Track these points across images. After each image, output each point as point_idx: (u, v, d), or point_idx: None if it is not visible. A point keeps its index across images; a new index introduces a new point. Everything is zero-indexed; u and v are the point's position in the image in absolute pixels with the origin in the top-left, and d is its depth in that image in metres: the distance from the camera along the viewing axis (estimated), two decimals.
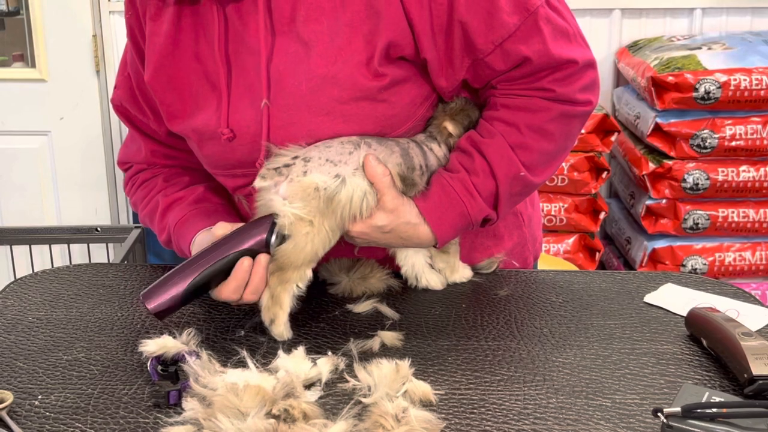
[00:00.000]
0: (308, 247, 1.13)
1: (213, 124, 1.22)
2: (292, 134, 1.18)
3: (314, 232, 1.13)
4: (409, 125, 1.22)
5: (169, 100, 1.26)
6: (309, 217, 1.13)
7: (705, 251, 2.82)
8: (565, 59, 1.19)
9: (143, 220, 1.39)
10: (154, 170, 1.38)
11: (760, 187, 2.77)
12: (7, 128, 3.10)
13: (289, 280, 1.14)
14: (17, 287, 1.33)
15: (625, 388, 1.02)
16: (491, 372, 1.06)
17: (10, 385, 1.03)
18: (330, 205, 1.13)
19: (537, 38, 1.17)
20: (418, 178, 1.20)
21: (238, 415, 0.92)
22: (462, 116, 1.24)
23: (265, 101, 1.19)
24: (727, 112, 2.73)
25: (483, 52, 1.17)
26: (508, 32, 1.16)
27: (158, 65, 1.25)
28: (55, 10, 3.00)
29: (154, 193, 1.35)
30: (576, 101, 1.22)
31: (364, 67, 1.16)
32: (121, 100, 1.35)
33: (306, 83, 1.17)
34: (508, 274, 1.35)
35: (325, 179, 1.13)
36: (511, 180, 1.21)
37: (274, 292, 1.14)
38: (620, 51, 3.06)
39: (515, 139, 1.21)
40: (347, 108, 1.17)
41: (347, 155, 1.16)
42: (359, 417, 0.94)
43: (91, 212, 3.19)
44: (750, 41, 2.87)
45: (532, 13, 1.16)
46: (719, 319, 1.08)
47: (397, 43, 1.16)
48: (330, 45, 1.16)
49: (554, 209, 2.88)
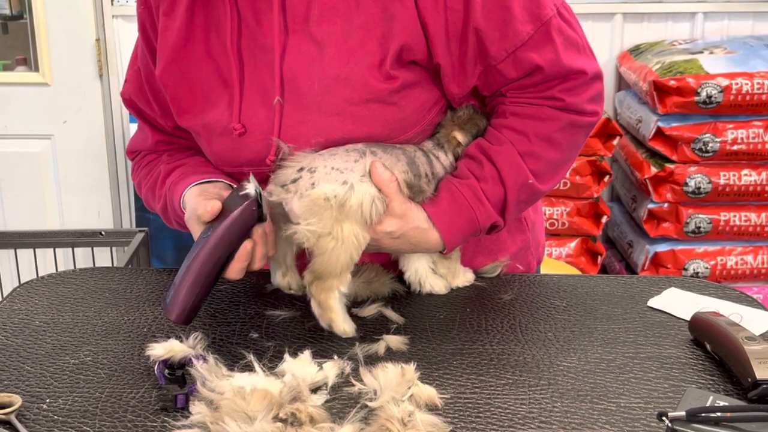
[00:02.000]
0: (341, 258, 1.13)
1: (225, 120, 1.23)
2: (302, 133, 1.19)
3: (339, 242, 1.13)
4: (417, 129, 1.23)
5: (180, 96, 1.26)
6: (327, 230, 1.13)
7: (707, 255, 2.83)
8: (575, 69, 1.21)
9: (145, 196, 1.38)
10: (160, 152, 1.39)
11: (762, 190, 2.78)
12: (10, 132, 3.11)
13: (330, 288, 1.15)
14: (23, 291, 1.33)
15: (629, 392, 1.02)
16: (496, 376, 1.06)
17: (18, 389, 1.04)
18: (342, 211, 1.13)
19: (549, 47, 1.19)
20: (425, 185, 1.21)
21: (245, 419, 0.92)
22: (470, 125, 1.25)
23: (278, 99, 1.19)
24: (728, 116, 2.74)
25: (496, 59, 1.19)
26: (521, 41, 1.17)
27: (170, 60, 1.25)
28: (58, 14, 3.01)
29: (158, 165, 1.36)
30: (584, 111, 1.24)
31: (375, 69, 1.17)
32: (130, 94, 1.36)
33: (318, 83, 1.18)
34: (512, 279, 1.35)
35: (333, 187, 1.14)
36: (520, 187, 1.22)
37: (320, 299, 1.15)
38: (622, 55, 3.07)
39: (524, 147, 1.22)
40: (358, 109, 1.18)
41: (353, 162, 1.16)
42: (365, 421, 0.95)
43: (94, 216, 3.19)
44: (752, 45, 2.87)
45: (545, 23, 1.18)
46: (723, 324, 1.09)
47: (409, 47, 1.17)
48: (343, 46, 1.17)
49: (556, 213, 2.89)
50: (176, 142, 1.37)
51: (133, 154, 1.43)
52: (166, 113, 1.32)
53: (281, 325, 1.20)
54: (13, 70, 3.12)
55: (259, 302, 1.27)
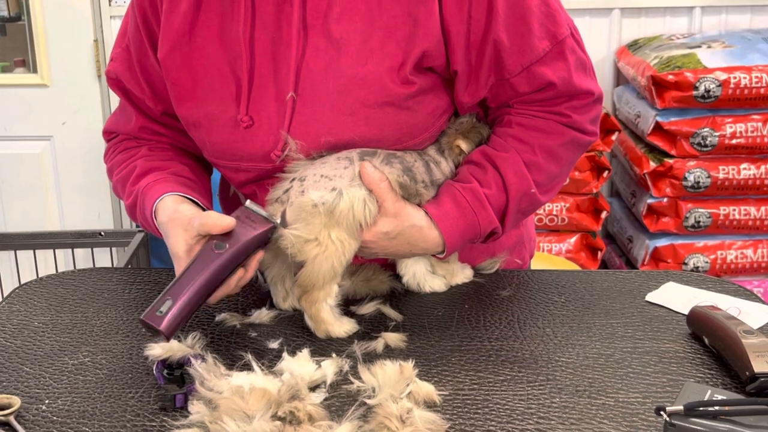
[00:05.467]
0: (324, 266, 1.13)
1: (231, 111, 1.21)
2: (313, 131, 1.18)
3: (322, 249, 1.13)
4: (426, 135, 1.23)
5: (182, 81, 1.24)
6: (312, 235, 1.13)
7: (707, 249, 2.83)
8: (583, 89, 1.23)
9: (115, 184, 1.34)
10: (140, 141, 1.35)
11: (761, 184, 2.77)
12: (9, 133, 3.11)
13: (317, 300, 1.15)
14: (22, 292, 1.33)
15: (627, 387, 1.02)
16: (495, 372, 1.06)
17: (17, 390, 1.04)
18: (332, 217, 1.13)
19: (562, 65, 1.20)
20: (422, 188, 1.20)
21: (243, 418, 0.92)
22: (474, 134, 1.25)
23: (292, 93, 1.18)
24: (727, 110, 2.74)
25: (511, 72, 1.19)
26: (537, 56, 1.19)
27: (174, 44, 1.23)
28: (56, 16, 3.01)
29: (135, 159, 1.32)
30: (585, 131, 1.25)
31: (394, 72, 1.16)
32: (117, 72, 1.31)
33: (334, 82, 1.17)
34: (509, 275, 1.35)
35: (321, 194, 1.13)
36: (522, 196, 1.22)
37: (310, 313, 1.15)
38: (620, 50, 3.06)
39: (528, 157, 1.22)
40: (372, 112, 1.17)
41: (342, 170, 1.16)
42: (364, 418, 0.95)
43: (94, 216, 3.19)
44: (749, 39, 2.87)
45: (560, 41, 1.20)
46: (721, 317, 1.09)
47: (430, 54, 1.17)
48: (363, 46, 1.16)
49: (555, 209, 2.89)
50: (162, 131, 1.33)
51: (109, 135, 1.39)
52: (157, 96, 1.30)
53: (279, 324, 1.20)
54: (11, 71, 3.12)
55: (256, 301, 1.27)
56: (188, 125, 1.28)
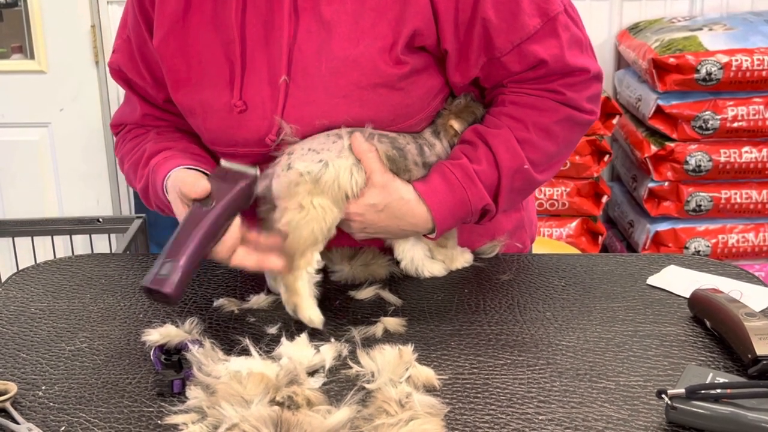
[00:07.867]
0: (305, 231, 1.13)
1: (224, 96, 1.21)
2: (307, 114, 1.18)
3: (304, 214, 1.12)
4: (421, 116, 1.22)
5: (177, 67, 1.24)
6: (296, 203, 1.12)
7: (708, 233, 2.82)
8: (578, 67, 1.21)
9: (127, 172, 1.35)
10: (147, 128, 1.35)
11: (762, 168, 2.76)
12: (7, 120, 3.10)
13: (297, 268, 1.14)
14: (19, 279, 1.32)
15: (628, 371, 1.02)
16: (494, 356, 1.06)
17: (13, 376, 1.03)
18: (318, 185, 1.13)
19: (554, 42, 1.19)
20: (412, 165, 1.20)
21: (241, 403, 0.92)
22: (467, 113, 1.24)
23: (284, 77, 1.18)
24: (728, 93, 2.72)
25: (501, 51, 1.18)
26: (527, 34, 1.17)
27: (169, 30, 1.23)
28: (53, 1, 3.00)
29: (144, 143, 1.32)
30: (582, 109, 1.24)
31: (386, 53, 1.16)
32: (119, 64, 1.32)
33: (326, 64, 1.16)
34: (510, 259, 1.34)
35: (307, 164, 1.13)
36: (514, 172, 1.21)
37: (287, 282, 1.14)
38: (621, 33, 3.05)
39: (521, 134, 1.21)
40: (365, 93, 1.17)
41: (331, 144, 1.15)
42: (363, 403, 0.94)
43: (93, 203, 3.19)
44: (751, 21, 2.85)
45: (552, 18, 1.18)
46: (722, 300, 1.08)
47: (420, 32, 1.16)
48: (354, 28, 1.16)
49: (556, 193, 2.88)
50: (165, 117, 1.34)
51: (117, 128, 1.40)
52: (158, 84, 1.30)
53: (278, 309, 1.20)
54: (8, 58, 3.10)
55: (254, 286, 1.26)
56: (185, 112, 1.28)
